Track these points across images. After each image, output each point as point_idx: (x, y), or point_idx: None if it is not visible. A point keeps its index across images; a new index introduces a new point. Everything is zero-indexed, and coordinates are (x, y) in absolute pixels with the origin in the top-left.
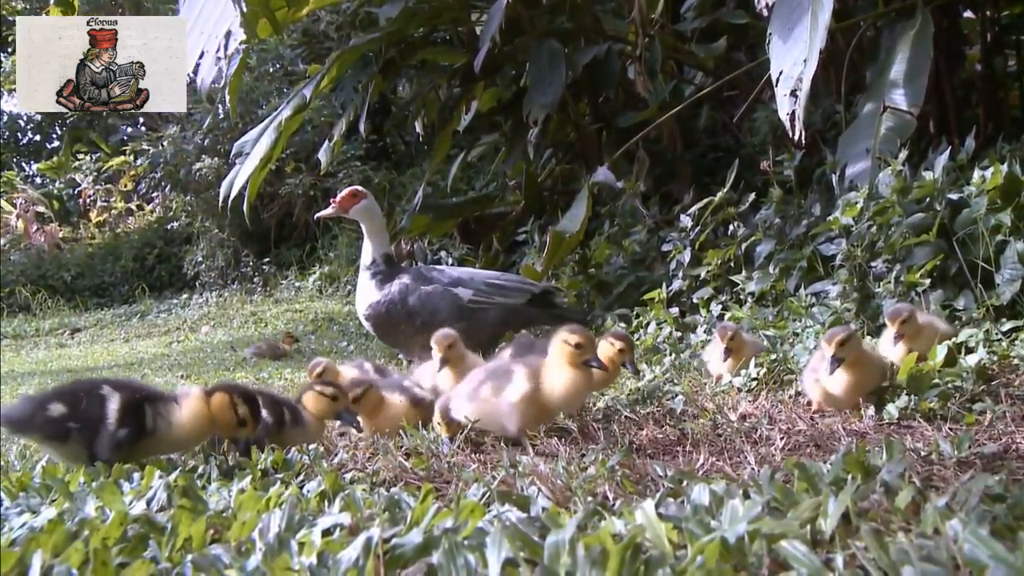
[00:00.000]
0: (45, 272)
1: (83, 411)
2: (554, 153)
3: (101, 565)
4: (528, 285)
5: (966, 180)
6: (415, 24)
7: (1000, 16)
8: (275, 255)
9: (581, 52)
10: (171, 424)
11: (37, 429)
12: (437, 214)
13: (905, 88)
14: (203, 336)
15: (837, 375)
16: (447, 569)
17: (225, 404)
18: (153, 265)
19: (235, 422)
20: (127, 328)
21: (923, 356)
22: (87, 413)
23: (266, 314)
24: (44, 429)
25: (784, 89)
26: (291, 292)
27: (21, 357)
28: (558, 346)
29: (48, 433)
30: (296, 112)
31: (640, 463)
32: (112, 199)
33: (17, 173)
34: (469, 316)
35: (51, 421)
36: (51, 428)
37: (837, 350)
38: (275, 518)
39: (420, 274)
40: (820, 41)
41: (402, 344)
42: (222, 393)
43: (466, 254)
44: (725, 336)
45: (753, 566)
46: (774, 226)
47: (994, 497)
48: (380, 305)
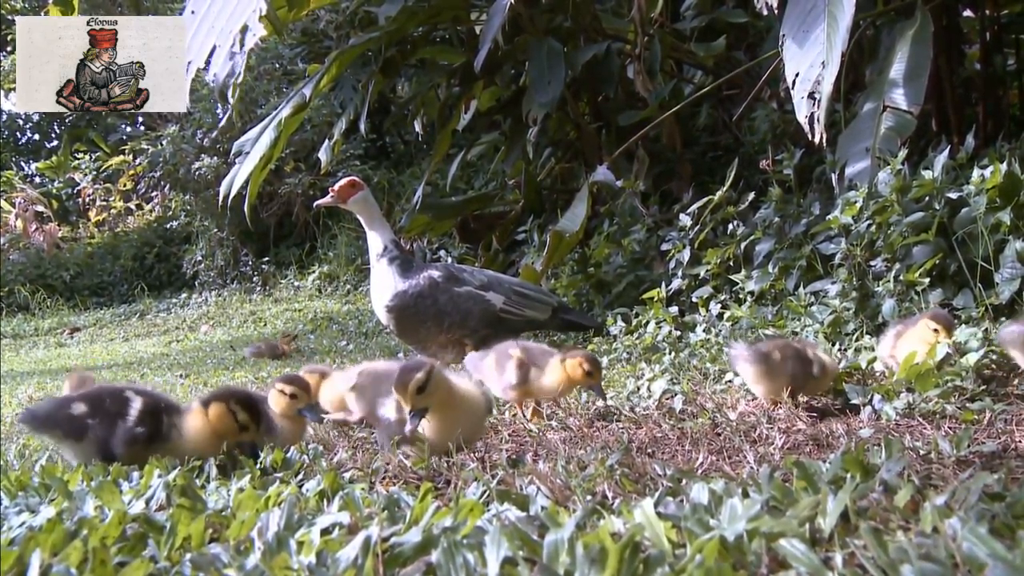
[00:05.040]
0: (44, 271)
1: (103, 409)
2: (554, 152)
3: (100, 564)
4: (549, 298)
5: (966, 179)
6: (415, 23)
7: (1000, 15)
8: (274, 254)
9: (581, 51)
10: (182, 434)
11: (57, 426)
12: (436, 213)
13: (905, 87)
14: (202, 335)
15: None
16: (446, 568)
17: (223, 412)
18: (152, 264)
19: (236, 428)
20: (126, 327)
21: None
22: (107, 411)
23: (265, 313)
24: (63, 426)
25: (801, 92)
26: (290, 291)
27: (20, 356)
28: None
29: (67, 431)
30: (296, 111)
31: (639, 462)
32: (111, 198)
33: (16, 172)
34: (497, 324)
35: (71, 419)
36: (70, 426)
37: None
38: (274, 517)
39: (451, 273)
40: (841, 44)
41: (420, 341)
42: (218, 402)
43: (465, 253)
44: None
45: (752, 564)
46: (773, 225)
47: (993, 496)
48: (408, 296)
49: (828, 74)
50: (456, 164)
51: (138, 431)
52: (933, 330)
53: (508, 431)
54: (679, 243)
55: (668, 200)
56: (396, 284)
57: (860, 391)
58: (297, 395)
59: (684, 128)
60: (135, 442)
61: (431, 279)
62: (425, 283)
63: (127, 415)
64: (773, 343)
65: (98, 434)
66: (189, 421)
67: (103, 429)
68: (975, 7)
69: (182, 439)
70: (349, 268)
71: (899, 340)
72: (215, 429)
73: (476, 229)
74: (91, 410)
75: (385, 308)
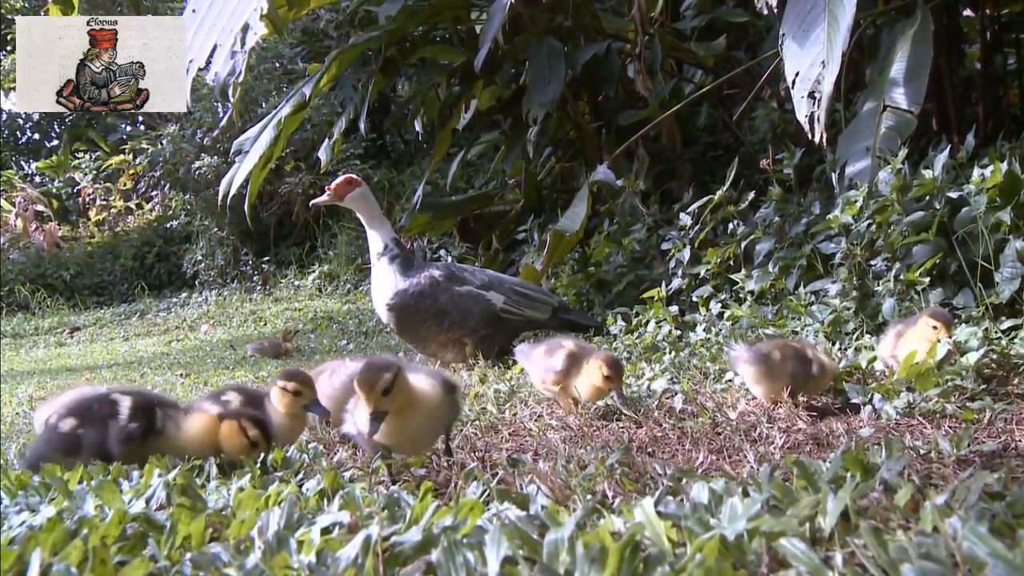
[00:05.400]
0: (44, 271)
1: (91, 416)
2: (554, 151)
3: (100, 563)
4: (549, 298)
5: (966, 178)
6: (415, 22)
7: (1000, 14)
8: (274, 254)
9: (581, 50)
10: (179, 430)
11: (56, 451)
12: (437, 212)
13: (905, 86)
14: (202, 335)
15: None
16: (446, 567)
17: (234, 430)
18: (152, 264)
19: (247, 445)
20: (126, 327)
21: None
22: (95, 416)
23: (265, 313)
24: (60, 448)
25: (801, 91)
26: (290, 291)
27: (21, 356)
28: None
29: (65, 451)
30: (296, 110)
31: (639, 461)
32: (111, 198)
33: (16, 172)
34: (497, 324)
35: (63, 438)
36: (65, 445)
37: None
38: (274, 516)
39: (452, 272)
40: (842, 43)
41: (420, 340)
42: (231, 420)
43: (465, 252)
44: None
45: (752, 564)
46: (774, 224)
47: (993, 495)
48: (408, 295)
49: (829, 73)
50: (456, 163)
51: (132, 427)
52: (932, 327)
53: (508, 431)
54: (679, 242)
55: (668, 199)
56: (397, 283)
57: (860, 390)
58: (300, 391)
59: (684, 127)
60: (130, 439)
61: (432, 278)
62: (426, 282)
63: (118, 415)
64: (772, 343)
65: (91, 440)
66: (195, 424)
67: (96, 434)
68: (975, 6)
69: (181, 435)
70: (349, 267)
71: (899, 340)
72: (225, 446)
73: (476, 228)
74: (80, 421)
75: (386, 307)
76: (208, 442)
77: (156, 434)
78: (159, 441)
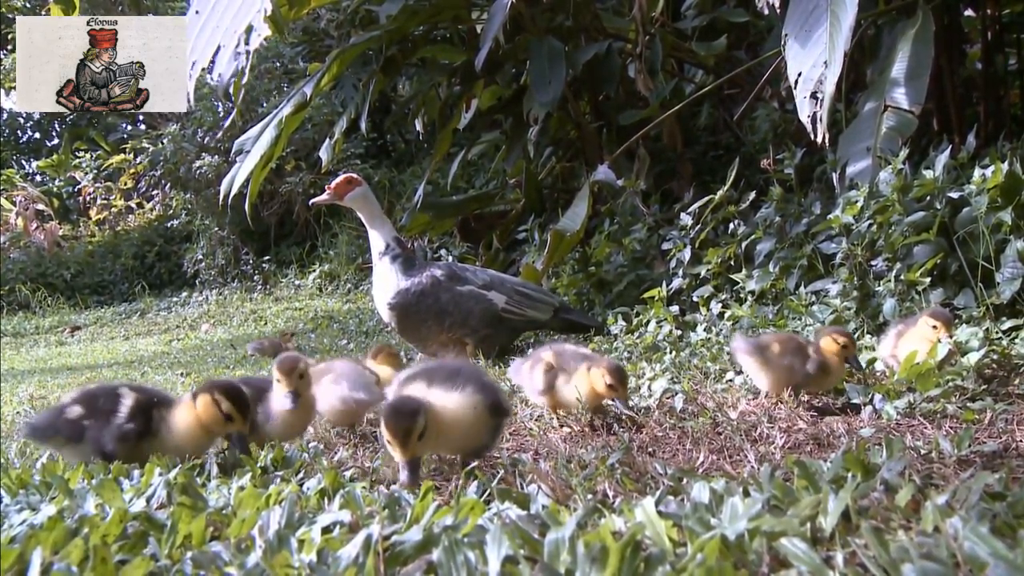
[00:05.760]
0: (45, 270)
1: (97, 409)
2: (554, 151)
3: (101, 562)
4: (550, 298)
5: (967, 178)
6: (415, 22)
7: (1001, 14)
8: (275, 253)
9: (582, 50)
10: (171, 428)
11: (57, 433)
12: (437, 212)
13: (906, 86)
14: (203, 334)
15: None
16: (447, 566)
17: (208, 403)
18: (153, 263)
19: (221, 419)
20: (127, 326)
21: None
22: (100, 410)
23: (266, 312)
24: (63, 432)
25: (803, 91)
26: (291, 290)
27: (21, 355)
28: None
29: (67, 436)
30: (296, 110)
31: (640, 461)
32: (112, 197)
33: (17, 171)
34: (498, 324)
35: (69, 423)
36: (69, 430)
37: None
38: (275, 515)
39: (454, 272)
40: (844, 43)
41: (421, 339)
42: (204, 393)
43: (466, 252)
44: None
45: (753, 564)
46: (774, 224)
47: (994, 495)
48: (410, 294)
49: (831, 74)
50: (457, 163)
51: (128, 427)
52: (932, 327)
53: (509, 430)
54: (680, 242)
55: (669, 199)
56: (398, 282)
57: (861, 390)
58: (280, 380)
59: (685, 127)
60: (126, 439)
61: (433, 277)
62: (427, 281)
63: (118, 412)
64: (774, 335)
65: (94, 433)
66: (177, 414)
67: (98, 428)
68: (976, 6)
69: (171, 433)
70: (350, 267)
71: (900, 340)
72: (201, 421)
73: (477, 228)
74: (87, 411)
75: (387, 306)
76: (197, 427)
77: (152, 434)
78: (154, 441)
